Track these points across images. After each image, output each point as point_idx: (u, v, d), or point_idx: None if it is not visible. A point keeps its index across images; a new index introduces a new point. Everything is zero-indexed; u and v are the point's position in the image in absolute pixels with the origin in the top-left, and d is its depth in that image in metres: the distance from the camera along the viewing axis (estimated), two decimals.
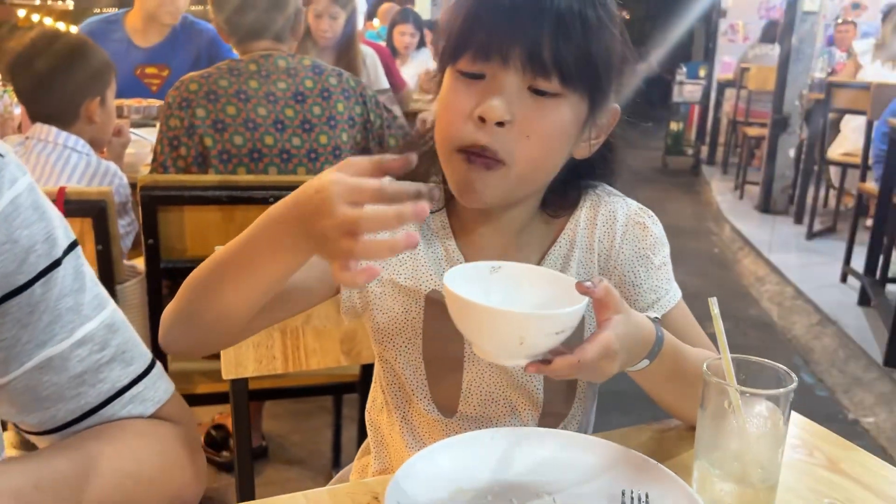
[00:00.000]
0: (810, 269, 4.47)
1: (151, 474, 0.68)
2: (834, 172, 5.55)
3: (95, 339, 0.68)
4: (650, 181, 7.86)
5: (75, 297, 0.67)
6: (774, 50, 6.70)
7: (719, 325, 0.72)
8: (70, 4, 12.39)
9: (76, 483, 0.62)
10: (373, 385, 1.04)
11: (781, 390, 0.67)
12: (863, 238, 4.06)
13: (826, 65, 6.02)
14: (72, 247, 0.69)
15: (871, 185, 4.02)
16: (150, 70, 2.84)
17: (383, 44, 4.62)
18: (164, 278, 1.56)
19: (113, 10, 2.98)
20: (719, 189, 6.91)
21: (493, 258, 0.89)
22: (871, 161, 4.15)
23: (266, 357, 1.18)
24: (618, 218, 0.93)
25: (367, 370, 1.28)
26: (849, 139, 5.01)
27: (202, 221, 1.52)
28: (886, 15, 5.46)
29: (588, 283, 0.69)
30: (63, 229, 0.68)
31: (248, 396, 1.22)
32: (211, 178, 1.55)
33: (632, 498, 0.70)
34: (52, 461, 0.63)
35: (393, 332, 0.92)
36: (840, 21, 7.73)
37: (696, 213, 6.43)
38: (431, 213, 0.93)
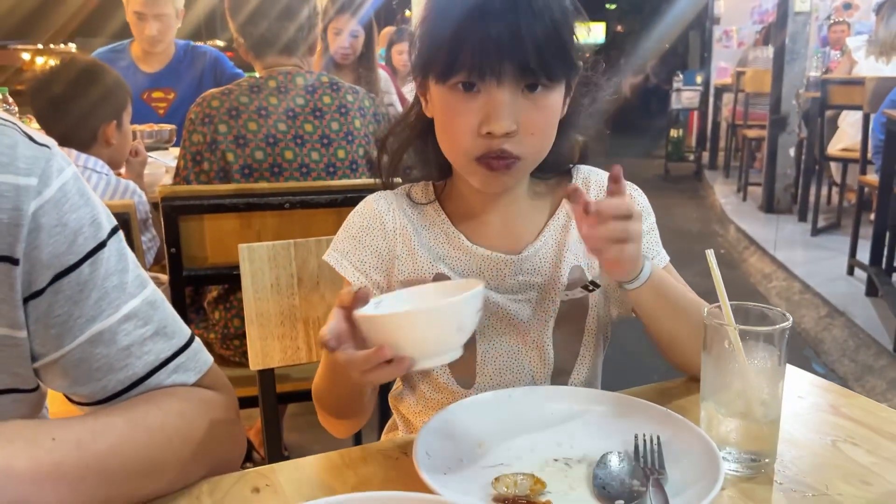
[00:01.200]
0: (817, 264, 4.50)
1: (198, 435, 0.74)
2: (835, 169, 5.59)
3: (139, 315, 0.74)
4: (654, 188, 7.89)
5: (120, 277, 0.73)
6: (769, 52, 6.77)
7: (717, 273, 0.77)
8: (73, 47, 12.62)
9: (130, 435, 0.68)
10: (397, 382, 1.09)
11: (776, 327, 0.72)
12: (867, 231, 4.09)
13: (821, 63, 6.08)
14: (114, 230, 0.75)
15: (872, 178, 4.06)
16: (156, 94, 2.93)
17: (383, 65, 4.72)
18: (186, 286, 1.62)
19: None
20: (722, 192, 6.95)
21: (496, 237, 0.97)
22: (870, 154, 4.20)
23: (291, 348, 1.23)
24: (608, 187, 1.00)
25: None
26: (847, 134, 5.06)
27: (222, 229, 1.59)
28: (878, 11, 5.55)
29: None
30: (106, 215, 0.75)
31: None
32: (228, 186, 1.62)
33: (644, 440, 0.75)
34: (108, 417, 0.69)
35: None
36: (833, 21, 7.82)
37: (701, 216, 6.47)
38: (422, 205, 1.00)
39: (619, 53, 21.06)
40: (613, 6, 22.15)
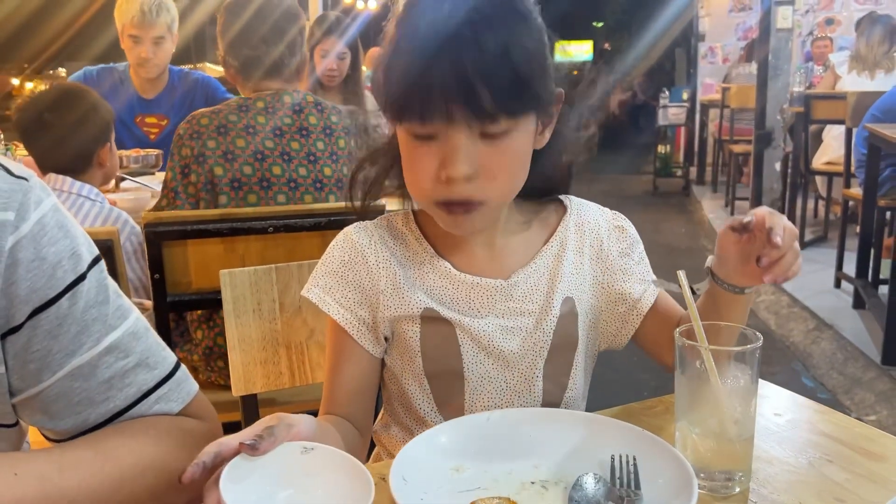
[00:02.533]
0: (804, 278, 4.51)
1: (176, 466, 0.73)
2: (821, 182, 5.65)
3: (121, 347, 0.74)
4: (643, 204, 7.96)
5: (100, 309, 0.73)
6: (752, 68, 6.85)
7: (688, 294, 0.78)
8: (63, 72, 12.64)
9: (100, 469, 0.68)
10: (382, 410, 1.08)
11: (748, 347, 0.73)
12: (855, 244, 4.12)
13: (804, 79, 6.15)
14: (95, 261, 0.75)
15: (856, 191, 4.10)
16: (149, 119, 2.94)
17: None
18: (171, 311, 1.62)
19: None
20: (710, 207, 7.00)
21: (483, 264, 0.96)
22: (853, 168, 4.24)
23: (273, 373, 1.24)
24: (601, 224, 1.02)
25: None
26: (831, 147, 5.12)
27: (205, 254, 1.59)
28: (858, 26, 5.63)
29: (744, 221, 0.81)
30: (87, 245, 0.75)
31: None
32: (212, 212, 1.62)
33: (620, 461, 0.75)
34: (76, 450, 0.69)
35: (396, 354, 0.98)
36: (816, 37, 7.92)
37: (690, 231, 6.50)
38: (404, 236, 0.99)
39: (607, 71, 21.24)
40: (600, 24, 22.38)
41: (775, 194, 6.00)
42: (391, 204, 1.16)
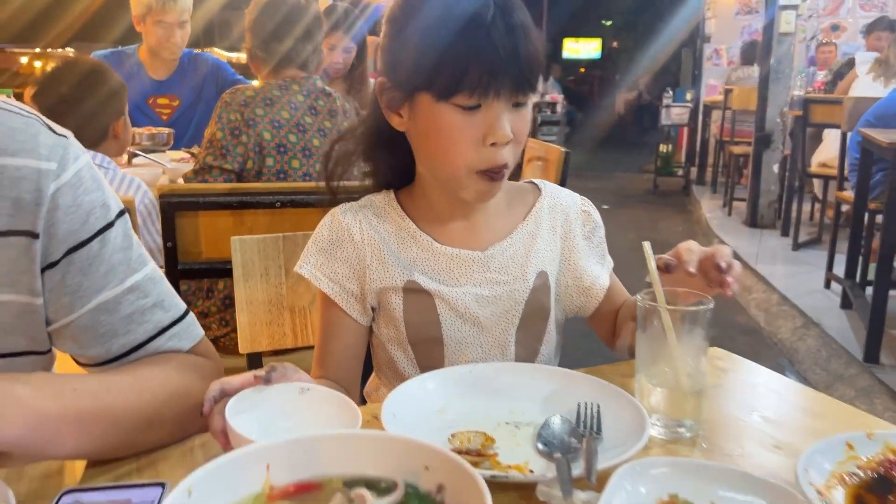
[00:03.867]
0: (795, 278, 4.62)
1: (194, 394, 0.83)
2: (818, 185, 5.73)
3: (141, 288, 0.84)
4: (642, 202, 8.04)
5: (124, 253, 0.83)
6: (756, 71, 6.92)
7: (651, 264, 0.88)
8: (71, 51, 12.68)
9: (137, 391, 0.78)
10: (373, 374, 1.18)
11: (700, 307, 0.82)
12: (846, 246, 4.21)
13: (805, 83, 6.23)
14: (121, 213, 0.85)
15: (848, 194, 4.19)
16: (161, 100, 3.03)
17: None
18: (181, 279, 1.72)
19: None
20: (708, 207, 7.08)
21: (462, 238, 1.06)
22: (847, 171, 4.33)
23: (278, 333, 1.33)
24: (571, 207, 1.14)
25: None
26: (831, 147, 5.18)
27: (216, 225, 1.68)
28: (868, 32, 5.64)
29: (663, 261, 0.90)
30: (114, 199, 0.85)
31: None
32: (222, 186, 1.72)
33: (585, 407, 0.85)
34: (117, 375, 0.79)
35: (382, 323, 1.08)
36: (821, 42, 7.99)
37: (687, 230, 6.59)
38: (387, 214, 1.08)
39: (615, 69, 21.34)
40: (609, 22, 22.39)
41: (772, 196, 6.08)
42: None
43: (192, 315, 0.91)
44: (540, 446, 0.79)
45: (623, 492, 0.68)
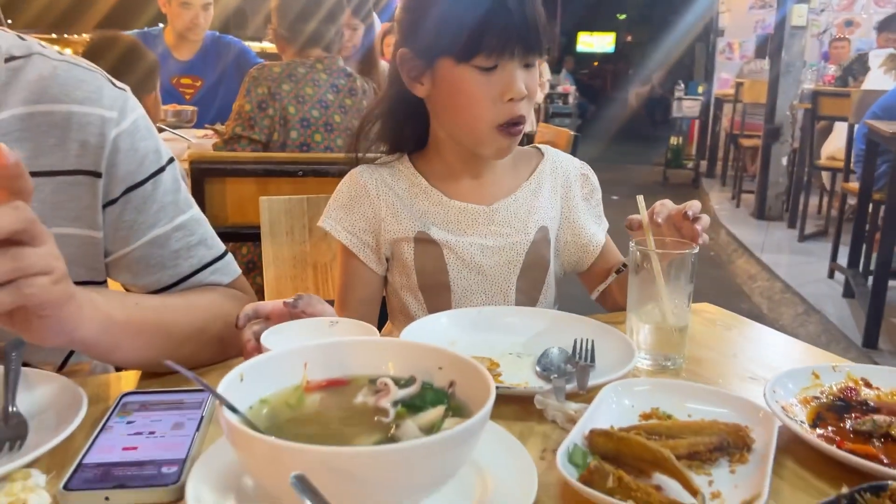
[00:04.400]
0: (800, 268, 4.69)
1: (232, 320, 0.94)
2: (826, 178, 5.78)
3: (187, 227, 0.95)
4: (652, 194, 8.02)
5: (174, 195, 0.94)
6: (765, 64, 6.96)
7: (645, 215, 0.97)
8: (87, 37, 12.82)
9: (187, 311, 0.89)
10: (388, 321, 1.29)
11: (686, 252, 0.92)
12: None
13: (816, 77, 6.28)
14: (170, 161, 0.95)
15: (854, 185, 4.25)
16: (185, 80, 3.15)
17: None
18: None
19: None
20: (717, 199, 7.15)
21: (470, 193, 1.17)
22: (853, 163, 4.39)
23: (301, 287, 1.44)
24: (571, 170, 1.25)
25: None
26: (839, 140, 5.22)
27: (242, 192, 1.79)
28: (880, 29, 5.67)
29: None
30: (165, 148, 0.95)
31: None
32: (248, 154, 1.83)
33: (581, 342, 0.95)
34: (171, 298, 0.90)
35: (395, 272, 1.18)
36: (834, 38, 8.01)
37: None
38: (401, 173, 1.19)
39: (628, 63, 21.32)
40: (623, 16, 22.35)
41: (780, 188, 6.14)
42: None
43: (230, 255, 1.01)
44: (539, 370, 0.89)
45: (610, 404, 0.78)
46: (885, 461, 0.69)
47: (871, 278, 4.01)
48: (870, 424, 0.76)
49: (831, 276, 4.43)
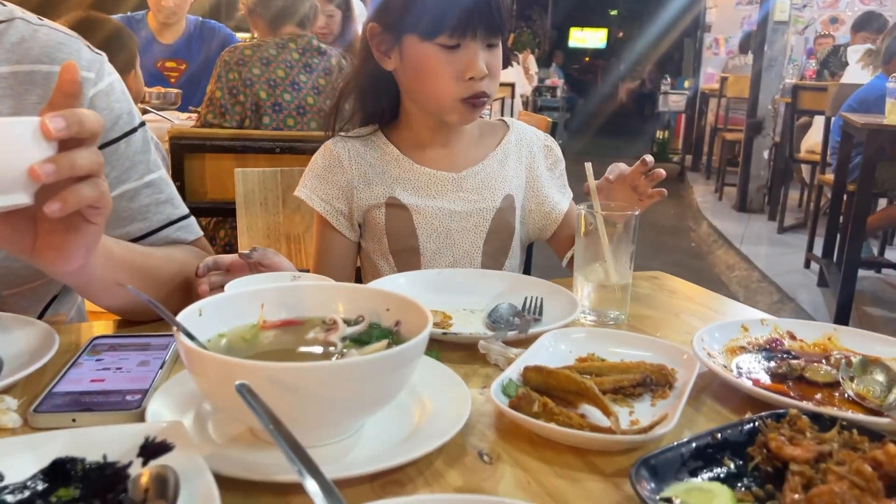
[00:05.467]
0: (777, 258, 4.78)
1: None
2: (806, 171, 5.87)
3: (156, 185, 1.00)
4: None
5: (144, 155, 0.99)
6: (749, 59, 7.04)
7: (591, 180, 1.03)
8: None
9: (166, 260, 0.95)
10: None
11: (628, 213, 0.98)
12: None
13: (797, 71, 6.36)
14: (142, 123, 1.01)
15: (829, 176, 4.33)
16: (169, 64, 3.19)
17: None
18: None
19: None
20: (701, 192, 7.24)
21: (440, 161, 1.22)
22: (829, 156, 4.47)
23: None
24: (535, 141, 1.31)
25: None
26: (818, 133, 5.30)
27: (220, 167, 1.84)
28: (858, 28, 5.75)
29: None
30: (137, 112, 1.01)
31: None
32: (227, 131, 1.87)
33: (532, 300, 1.01)
34: (149, 249, 0.96)
35: (368, 237, 1.24)
36: (819, 34, 8.11)
37: (678, 213, 6.74)
38: (373, 143, 1.24)
39: (618, 59, 21.41)
40: (615, 12, 22.41)
41: (762, 181, 6.23)
42: None
43: (193, 217, 1.07)
44: (488, 322, 0.95)
45: (548, 348, 0.84)
46: (793, 395, 0.75)
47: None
48: (786, 368, 0.82)
49: (808, 266, 4.52)
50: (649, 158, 1.06)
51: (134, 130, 0.98)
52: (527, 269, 1.51)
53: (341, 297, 0.77)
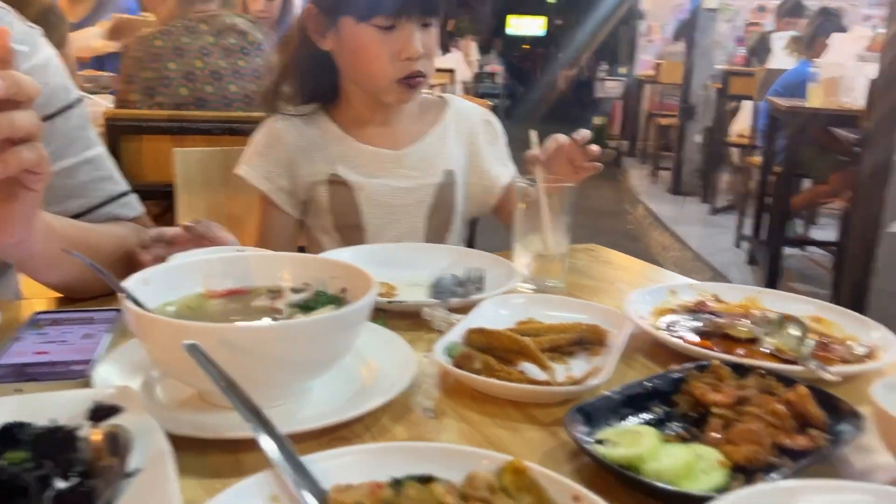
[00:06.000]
0: (709, 239, 4.95)
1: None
2: (737, 154, 6.08)
3: (95, 162, 0.99)
4: None
5: (82, 132, 0.98)
6: (682, 47, 7.22)
7: (536, 147, 1.07)
8: None
9: (106, 237, 0.94)
10: None
11: (566, 184, 1.02)
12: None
13: (728, 58, 6.57)
14: (80, 100, 1.00)
15: (757, 158, 4.51)
16: None
17: None
18: None
19: None
20: (637, 176, 7.42)
21: (381, 139, 1.24)
22: (757, 139, 4.65)
23: None
24: (474, 117, 1.34)
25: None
26: (748, 117, 5.49)
27: (158, 150, 1.81)
28: (781, 14, 5.96)
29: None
30: (74, 87, 0.99)
31: None
32: (164, 112, 1.84)
33: (474, 271, 1.04)
34: (89, 225, 0.95)
35: (311, 214, 1.25)
36: (749, 22, 8.37)
37: (615, 197, 6.90)
38: (315, 121, 1.25)
39: (558, 46, 21.65)
40: (553, 0, 22.62)
41: (695, 165, 6.42)
42: None
43: (134, 194, 1.07)
44: (432, 292, 0.98)
45: (489, 314, 0.87)
46: (717, 351, 0.80)
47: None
48: (711, 326, 0.87)
49: (738, 245, 4.69)
50: (584, 132, 1.11)
51: (71, 106, 0.97)
52: (470, 246, 1.54)
53: (287, 266, 0.79)
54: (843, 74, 3.51)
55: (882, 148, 2.60)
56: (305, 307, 0.73)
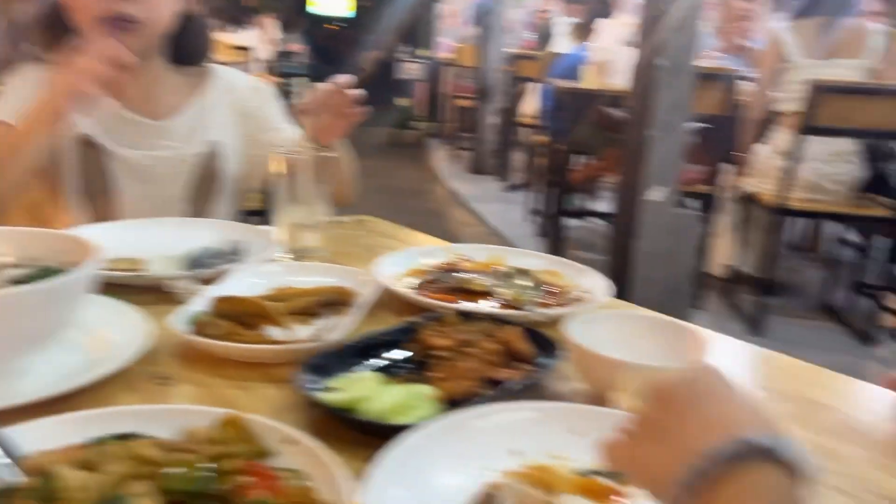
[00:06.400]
0: (504, 214, 5.22)
1: None
2: (526, 134, 6.45)
3: None
4: (381, 154, 8.41)
5: None
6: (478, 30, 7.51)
7: (303, 99, 1.08)
8: None
9: None
10: None
11: (321, 154, 1.04)
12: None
13: (518, 42, 6.93)
14: None
15: (543, 138, 4.81)
16: None
17: None
18: None
19: None
20: (439, 157, 7.64)
21: (139, 103, 1.18)
22: (542, 119, 4.97)
23: None
24: (242, 85, 1.31)
25: None
26: (536, 97, 5.83)
27: None
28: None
29: None
30: None
31: None
32: None
33: (232, 243, 1.03)
34: None
35: (62, 175, 1.17)
36: (539, 10, 8.87)
37: (419, 177, 7.07)
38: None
39: (365, 28, 21.62)
40: None
41: (492, 145, 6.73)
42: None
43: None
44: (184, 265, 0.96)
45: (240, 283, 0.88)
46: (457, 303, 0.87)
47: (561, 219, 4.61)
48: (454, 282, 0.94)
49: (530, 219, 5.00)
50: (346, 76, 1.12)
51: None
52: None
53: (11, 242, 0.74)
54: (611, 58, 3.83)
55: (641, 125, 2.89)
56: (26, 282, 0.70)
